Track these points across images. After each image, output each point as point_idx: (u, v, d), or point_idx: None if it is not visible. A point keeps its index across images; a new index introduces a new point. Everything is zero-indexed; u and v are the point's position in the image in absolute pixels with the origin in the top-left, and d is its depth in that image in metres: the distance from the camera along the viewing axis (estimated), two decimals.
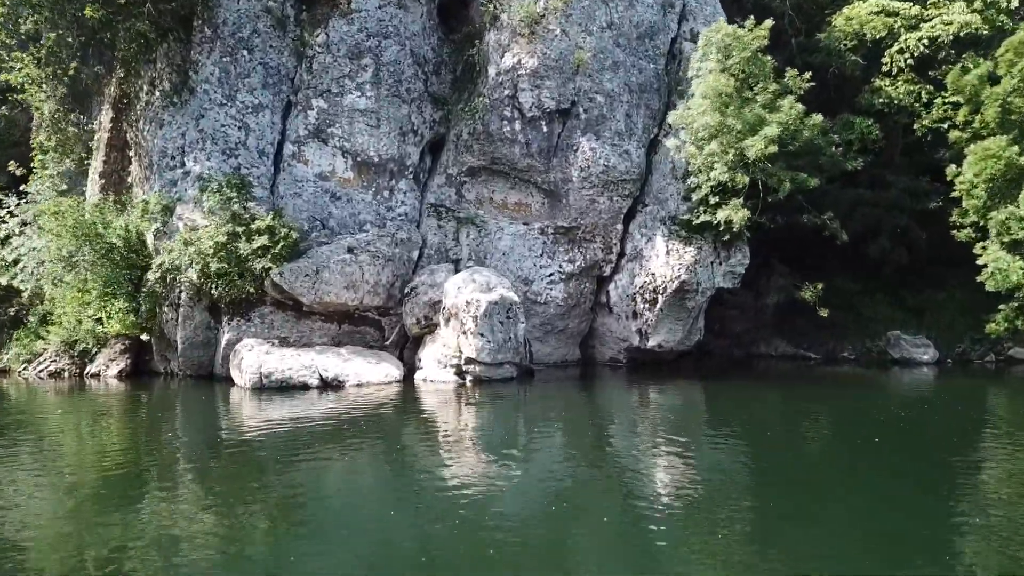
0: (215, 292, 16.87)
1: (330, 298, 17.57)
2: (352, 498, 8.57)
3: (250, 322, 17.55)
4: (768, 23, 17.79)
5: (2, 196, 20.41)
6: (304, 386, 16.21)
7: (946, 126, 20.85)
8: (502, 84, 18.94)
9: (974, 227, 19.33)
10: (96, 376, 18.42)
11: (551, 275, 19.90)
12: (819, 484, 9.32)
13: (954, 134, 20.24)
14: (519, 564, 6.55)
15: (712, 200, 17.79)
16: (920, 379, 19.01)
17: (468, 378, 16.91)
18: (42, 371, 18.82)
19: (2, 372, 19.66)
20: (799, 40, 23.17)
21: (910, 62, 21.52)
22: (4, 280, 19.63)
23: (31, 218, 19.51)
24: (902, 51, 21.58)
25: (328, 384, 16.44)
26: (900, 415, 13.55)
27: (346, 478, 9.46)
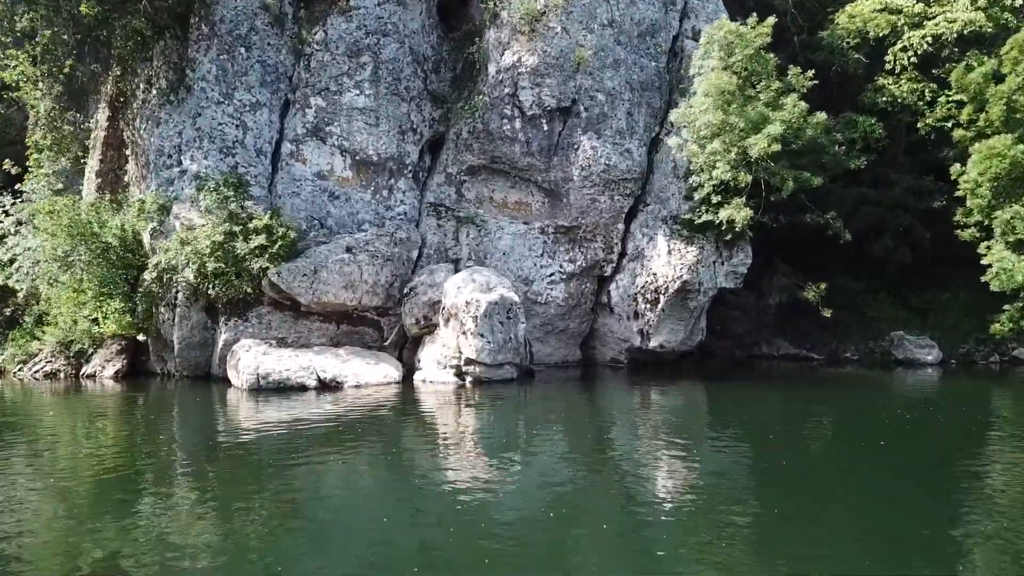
0: (212, 292, 16.71)
1: (328, 298, 17.41)
2: (350, 501, 8.44)
3: (247, 322, 17.39)
4: (771, 20, 17.65)
5: None
6: (302, 387, 16.03)
7: (950, 125, 20.71)
8: (502, 82, 18.77)
9: (978, 226, 19.18)
10: (92, 377, 18.25)
11: (552, 275, 19.74)
12: (822, 486, 9.18)
13: (958, 133, 20.08)
14: (518, 567, 6.49)
15: (714, 199, 17.65)
16: (924, 380, 18.84)
17: (468, 379, 16.75)
18: (37, 372, 18.66)
19: None
20: (801, 38, 23.03)
21: (913, 60, 21.39)
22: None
23: (26, 217, 19.34)
24: (905, 49, 21.47)
25: (326, 385, 16.26)
26: (904, 417, 13.37)
27: (344, 481, 9.31)
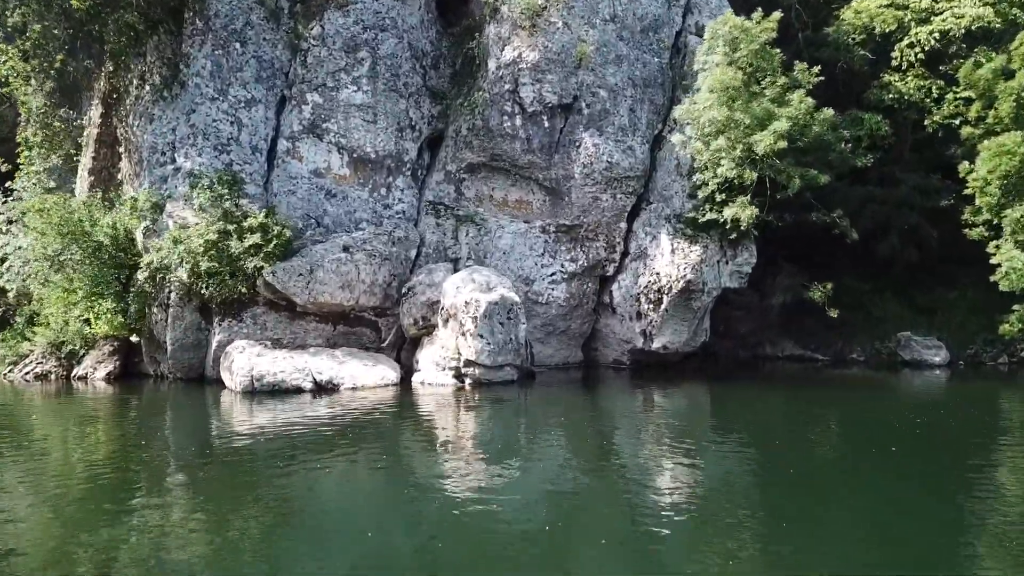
0: (206, 292, 16.34)
1: (325, 298, 17.06)
2: (346, 507, 8.21)
3: (242, 323, 17.04)
4: (776, 15, 17.29)
5: None
6: (297, 389, 15.66)
7: (957, 122, 20.38)
8: (502, 78, 18.42)
9: (987, 225, 18.86)
10: (83, 379, 17.87)
11: (553, 275, 19.40)
12: (830, 494, 8.85)
13: (966, 130, 19.77)
14: (518, 574, 6.36)
15: (719, 197, 17.32)
16: (932, 381, 18.51)
17: (467, 381, 16.41)
18: (28, 374, 18.29)
19: None
20: (806, 34, 22.68)
21: (920, 56, 21.02)
22: None
23: (17, 216, 18.98)
24: (912, 45, 21.10)
25: (322, 387, 15.89)
26: (914, 420, 13.02)
27: (340, 486, 9.05)
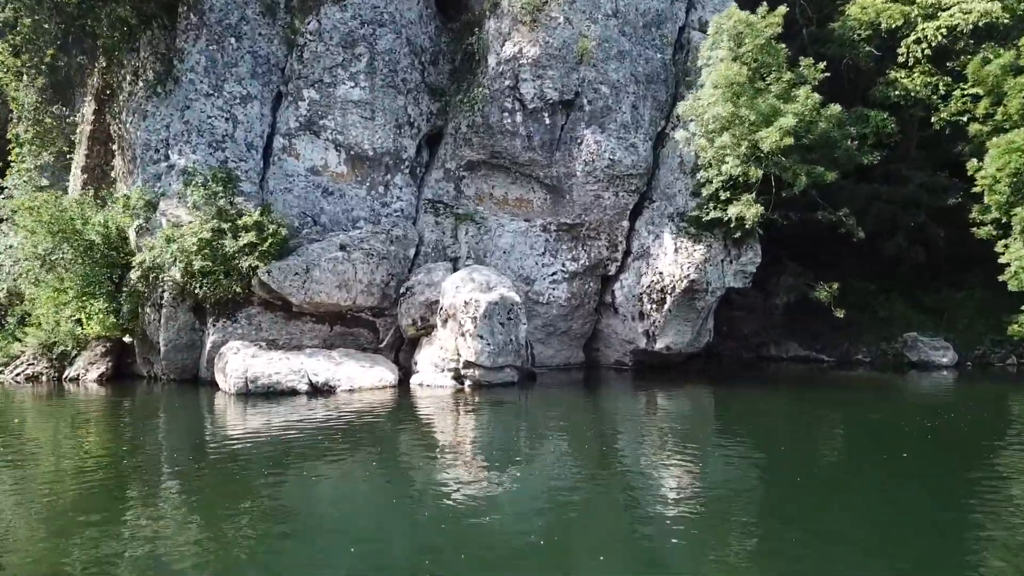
0: (199, 292, 16.03)
1: (321, 298, 16.73)
2: (342, 511, 8.00)
3: (236, 323, 16.71)
4: (782, 9, 16.96)
5: None
6: (293, 391, 15.33)
7: (965, 119, 20.09)
8: (503, 74, 18.09)
9: (996, 224, 18.59)
10: (75, 380, 17.57)
11: (554, 274, 19.08)
12: (837, 499, 8.54)
13: (974, 127, 19.50)
14: None
15: (723, 195, 17.02)
16: (939, 383, 18.19)
17: (467, 382, 16.09)
18: (19, 375, 17.94)
19: None
20: (811, 30, 22.39)
21: (927, 52, 20.71)
22: None
23: (7, 214, 18.64)
24: (919, 41, 20.79)
25: (318, 389, 15.56)
26: (923, 423, 12.68)
27: (336, 490, 8.80)
